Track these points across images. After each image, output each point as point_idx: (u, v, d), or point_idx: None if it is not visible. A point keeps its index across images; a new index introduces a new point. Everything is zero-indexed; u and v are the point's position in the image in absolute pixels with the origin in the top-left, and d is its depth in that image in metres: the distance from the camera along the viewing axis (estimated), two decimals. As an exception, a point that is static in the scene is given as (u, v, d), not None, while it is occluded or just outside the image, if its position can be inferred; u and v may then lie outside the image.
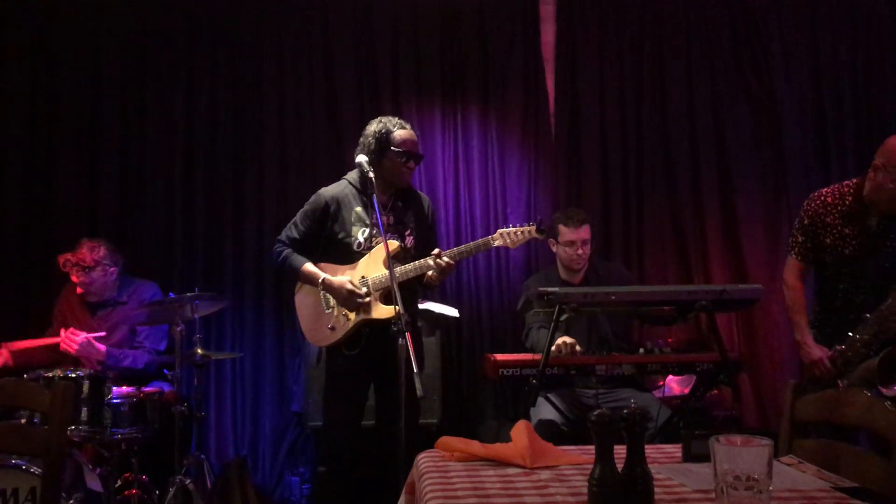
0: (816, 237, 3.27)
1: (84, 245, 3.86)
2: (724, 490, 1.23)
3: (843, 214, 3.20)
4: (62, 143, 4.41)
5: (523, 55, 4.61)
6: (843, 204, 3.21)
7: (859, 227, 3.17)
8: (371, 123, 3.34)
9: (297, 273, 3.26)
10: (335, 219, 3.26)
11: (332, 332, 3.21)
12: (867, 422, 1.62)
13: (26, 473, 2.93)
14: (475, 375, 4.35)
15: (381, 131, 3.28)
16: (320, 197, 3.31)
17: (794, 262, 3.39)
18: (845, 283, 3.23)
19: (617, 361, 3.32)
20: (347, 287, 3.14)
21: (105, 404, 3.38)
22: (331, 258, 3.27)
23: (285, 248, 3.30)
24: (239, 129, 4.51)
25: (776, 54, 4.64)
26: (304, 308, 3.33)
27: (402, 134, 3.29)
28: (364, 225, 3.25)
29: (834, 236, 3.22)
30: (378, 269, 3.18)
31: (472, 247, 3.25)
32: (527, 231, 3.24)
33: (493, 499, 1.44)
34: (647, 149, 4.62)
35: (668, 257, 4.60)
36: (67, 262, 3.82)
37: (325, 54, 4.55)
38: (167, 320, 3.67)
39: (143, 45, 4.49)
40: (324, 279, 3.18)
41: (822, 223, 3.24)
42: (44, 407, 1.87)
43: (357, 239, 3.24)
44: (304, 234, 3.30)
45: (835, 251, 3.23)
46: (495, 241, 3.25)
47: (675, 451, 1.82)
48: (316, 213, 3.29)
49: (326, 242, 3.29)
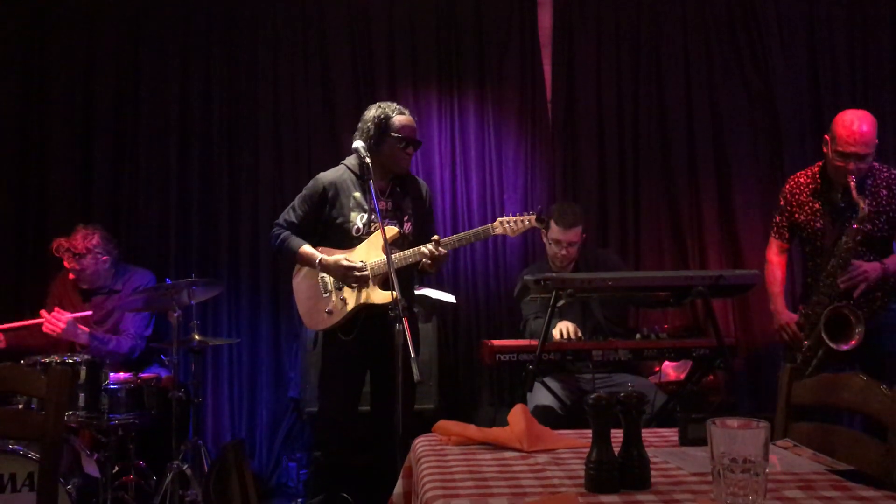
0: (792, 215, 3.52)
1: (79, 232, 3.84)
2: (721, 473, 1.24)
3: (812, 191, 3.45)
4: (55, 127, 4.39)
5: (520, 41, 4.59)
6: (813, 182, 3.47)
7: (826, 201, 3.41)
8: (370, 109, 3.33)
9: (294, 255, 3.26)
10: (333, 204, 3.25)
11: (329, 317, 3.21)
12: (862, 405, 1.62)
13: (24, 458, 2.94)
14: (472, 361, 4.36)
15: (379, 117, 3.26)
16: (319, 182, 3.30)
17: (774, 240, 3.64)
18: (820, 258, 3.40)
19: (614, 347, 3.33)
20: (343, 263, 3.13)
21: (102, 390, 3.38)
22: (329, 243, 3.27)
23: (283, 230, 3.30)
24: (234, 115, 4.50)
25: (774, 43, 4.61)
26: (302, 292, 3.33)
27: (402, 119, 3.28)
28: (363, 210, 3.24)
29: (806, 213, 3.46)
30: (377, 255, 3.18)
31: (472, 234, 3.25)
32: (527, 220, 3.25)
33: (491, 482, 1.44)
34: (644, 135, 4.61)
35: (665, 243, 4.59)
36: (60, 247, 3.80)
37: (321, 40, 4.53)
38: (164, 306, 3.67)
39: (137, 30, 4.47)
40: (321, 259, 3.18)
41: (797, 202, 3.49)
42: (41, 392, 1.87)
43: (355, 224, 3.24)
44: (302, 219, 3.29)
45: (808, 227, 3.46)
46: (495, 229, 3.25)
47: (671, 434, 1.83)
48: (314, 197, 3.28)
49: (325, 227, 3.29)
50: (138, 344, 3.88)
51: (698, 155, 4.61)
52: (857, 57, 4.64)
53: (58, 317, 3.65)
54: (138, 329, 3.91)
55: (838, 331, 3.20)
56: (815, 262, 3.45)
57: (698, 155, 4.61)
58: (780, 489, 1.36)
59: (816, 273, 3.42)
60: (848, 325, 3.18)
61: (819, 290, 3.32)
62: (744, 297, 4.33)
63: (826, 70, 4.63)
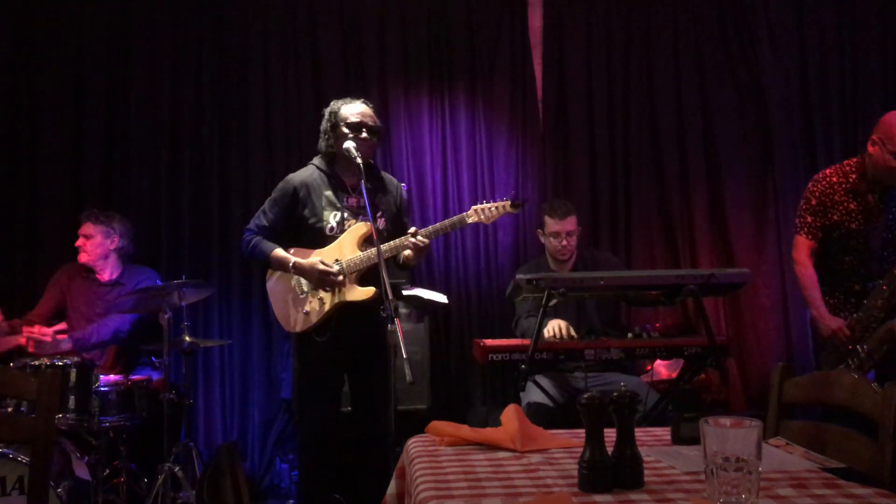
0: (825, 215, 3.44)
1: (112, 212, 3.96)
2: (714, 471, 1.24)
3: (848, 191, 3.39)
4: (46, 126, 4.38)
5: (510, 40, 4.60)
6: (847, 181, 3.40)
7: (863, 201, 3.38)
8: (324, 113, 3.33)
9: (266, 259, 3.22)
10: (305, 204, 3.22)
11: (306, 317, 3.18)
12: (853, 403, 1.63)
13: (14, 462, 2.91)
14: (464, 361, 4.36)
15: (330, 112, 3.27)
16: (289, 183, 3.27)
17: (804, 241, 3.49)
18: (851, 256, 3.41)
19: (606, 346, 3.33)
20: (319, 267, 3.10)
21: (92, 392, 3.37)
22: (302, 243, 3.23)
23: (254, 235, 3.26)
24: (225, 116, 4.48)
25: (763, 41, 4.64)
26: (277, 294, 3.29)
27: (351, 108, 3.25)
28: (336, 209, 3.22)
29: (841, 213, 3.41)
30: (352, 251, 3.16)
31: (448, 224, 3.22)
32: (501, 206, 3.23)
33: (484, 482, 1.44)
34: (635, 135, 4.62)
35: (656, 242, 4.61)
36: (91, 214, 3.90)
37: (312, 38, 4.52)
38: (155, 308, 3.65)
39: (127, 29, 4.45)
40: (294, 262, 3.15)
41: (831, 201, 3.42)
42: (31, 395, 1.85)
43: (329, 223, 3.21)
44: (274, 222, 3.26)
45: (842, 227, 3.41)
46: (470, 217, 3.23)
47: (664, 433, 1.83)
48: (285, 199, 3.25)
49: (297, 228, 3.25)
50: (122, 325, 3.86)
51: (689, 154, 4.62)
52: (847, 58, 4.67)
53: (40, 338, 3.67)
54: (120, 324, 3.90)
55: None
56: (843, 261, 3.42)
57: (689, 154, 4.62)
58: (773, 487, 1.36)
59: (838, 268, 3.42)
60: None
61: (874, 296, 3.28)
62: (735, 295, 4.35)
63: (816, 70, 4.65)
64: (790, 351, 4.49)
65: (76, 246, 3.90)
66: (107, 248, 3.90)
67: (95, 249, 3.88)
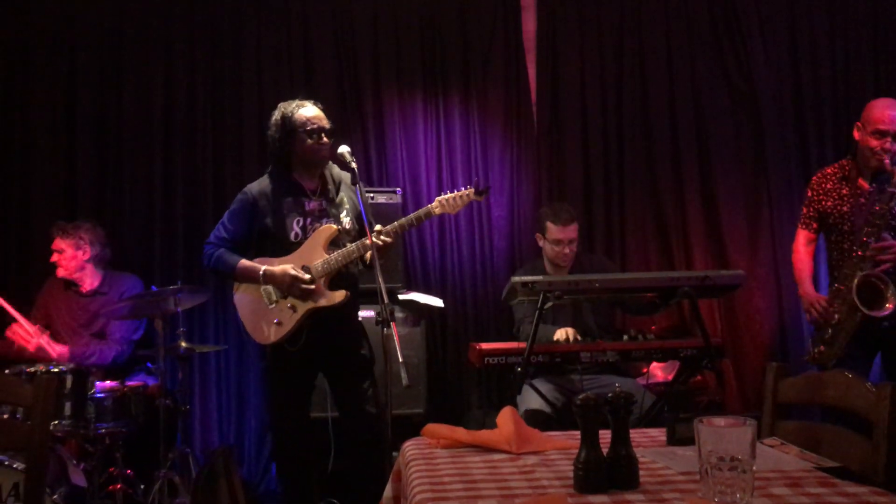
0: (819, 203, 3.58)
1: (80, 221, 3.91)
2: (709, 471, 1.25)
3: (841, 178, 3.55)
4: (38, 130, 4.36)
5: (504, 44, 4.60)
6: (840, 171, 3.57)
7: (853, 185, 3.49)
8: (271, 117, 3.28)
9: (232, 270, 3.16)
10: (266, 213, 3.19)
11: (279, 327, 3.12)
12: (847, 403, 1.63)
13: (9, 469, 2.90)
14: (460, 364, 4.35)
15: (281, 118, 3.22)
16: (247, 195, 3.24)
17: (802, 231, 3.68)
18: (849, 241, 3.45)
19: (601, 348, 3.34)
20: (290, 273, 3.06)
21: (88, 399, 3.36)
22: (268, 252, 3.19)
23: (216, 248, 3.21)
24: (218, 121, 4.47)
25: (755, 40, 4.65)
26: (245, 306, 3.23)
27: (304, 112, 3.22)
28: (298, 214, 3.20)
29: (833, 198, 3.54)
30: (318, 256, 3.12)
31: (413, 218, 3.19)
32: (465, 195, 3.21)
33: (480, 484, 1.45)
34: (629, 137, 4.63)
35: (650, 244, 4.62)
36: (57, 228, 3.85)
37: (305, 43, 4.52)
38: (150, 313, 3.65)
39: (119, 31, 4.43)
40: (264, 270, 3.10)
41: (823, 190, 3.58)
42: (26, 402, 1.85)
43: (293, 230, 3.19)
44: (234, 234, 3.21)
45: (834, 212, 3.52)
46: (436, 209, 3.21)
47: (659, 434, 1.83)
48: (245, 210, 3.21)
49: (260, 238, 3.21)
50: (124, 350, 3.85)
51: (682, 156, 4.63)
52: (839, 58, 4.69)
53: (28, 338, 3.66)
54: (126, 333, 3.87)
55: (871, 299, 3.25)
56: (842, 249, 3.49)
57: (682, 156, 4.63)
58: (768, 486, 1.36)
59: (842, 260, 3.47)
60: (879, 292, 3.24)
61: (848, 263, 3.37)
62: (730, 297, 4.36)
63: (808, 71, 4.67)
64: (785, 351, 4.50)
65: (51, 262, 3.88)
66: (80, 260, 3.87)
67: (69, 263, 3.85)
